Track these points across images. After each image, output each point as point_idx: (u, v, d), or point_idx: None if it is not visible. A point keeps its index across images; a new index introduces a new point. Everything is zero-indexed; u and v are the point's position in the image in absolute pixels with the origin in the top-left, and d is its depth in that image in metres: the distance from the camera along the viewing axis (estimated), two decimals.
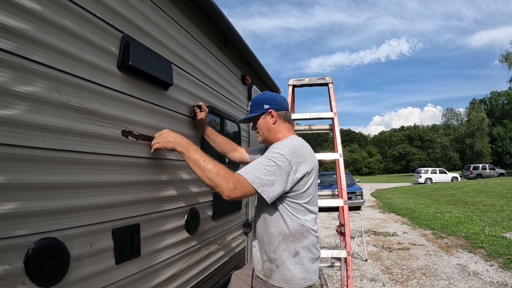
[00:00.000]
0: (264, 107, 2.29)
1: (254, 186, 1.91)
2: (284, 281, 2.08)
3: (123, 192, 1.86)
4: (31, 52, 1.33)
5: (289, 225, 2.08)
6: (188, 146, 2.06)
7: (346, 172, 19.99)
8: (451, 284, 5.95)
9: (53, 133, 1.42)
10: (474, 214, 13.48)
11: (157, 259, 2.17)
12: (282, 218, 2.09)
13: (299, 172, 2.03)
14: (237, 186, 1.90)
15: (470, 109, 74.33)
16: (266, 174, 1.94)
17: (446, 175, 39.18)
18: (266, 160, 2.00)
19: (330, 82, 4.04)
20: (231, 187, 1.89)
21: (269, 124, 2.30)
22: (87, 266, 1.59)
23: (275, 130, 2.30)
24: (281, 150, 2.02)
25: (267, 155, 2.04)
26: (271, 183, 1.94)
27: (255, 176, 1.93)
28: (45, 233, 1.38)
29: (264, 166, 1.96)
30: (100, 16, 1.71)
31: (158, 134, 2.13)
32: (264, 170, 1.95)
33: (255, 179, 1.92)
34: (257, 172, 1.94)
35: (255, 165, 1.99)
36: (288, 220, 2.08)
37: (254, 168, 1.96)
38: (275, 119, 2.29)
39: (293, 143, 2.11)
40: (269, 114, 2.29)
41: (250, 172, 1.94)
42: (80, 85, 1.58)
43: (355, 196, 16.41)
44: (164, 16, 2.30)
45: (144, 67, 1.98)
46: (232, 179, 1.91)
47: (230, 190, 1.90)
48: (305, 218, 2.13)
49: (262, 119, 2.32)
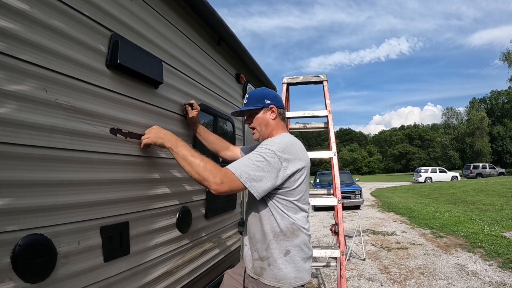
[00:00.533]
0: (266, 102, 2.28)
1: (242, 180, 1.91)
2: (276, 280, 2.07)
3: (112, 190, 1.87)
4: (18, 51, 1.34)
5: (280, 223, 2.07)
6: (176, 142, 2.07)
7: (345, 171, 19.94)
8: (450, 284, 5.93)
9: (41, 131, 1.43)
10: (474, 213, 13.46)
11: (147, 257, 2.18)
12: (272, 215, 2.08)
13: (289, 169, 2.02)
14: (224, 181, 1.90)
15: (470, 108, 74.26)
16: (254, 169, 1.93)
17: (446, 174, 39.10)
18: (255, 156, 1.99)
19: (325, 80, 4.05)
20: (218, 181, 1.89)
21: (268, 120, 2.29)
22: (75, 263, 1.60)
23: (272, 126, 2.30)
24: (271, 146, 2.02)
25: (257, 151, 2.03)
26: (260, 179, 1.93)
27: (243, 171, 1.92)
28: (32, 229, 1.39)
29: (253, 161, 1.96)
30: (89, 15, 1.72)
31: (148, 130, 2.15)
32: (252, 165, 1.94)
33: (243, 174, 1.92)
34: (245, 167, 1.94)
35: (244, 160, 1.99)
36: (278, 218, 2.07)
37: (243, 163, 1.96)
38: (276, 115, 2.29)
39: (284, 140, 2.11)
40: (270, 109, 2.29)
41: (239, 167, 1.94)
42: (68, 84, 1.59)
43: (354, 196, 16.42)
44: (154, 15, 2.31)
45: (133, 65, 1.99)
46: (220, 173, 1.91)
47: (217, 184, 1.89)
48: (296, 216, 2.11)
49: (262, 113, 2.30)
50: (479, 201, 16.72)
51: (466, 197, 18.42)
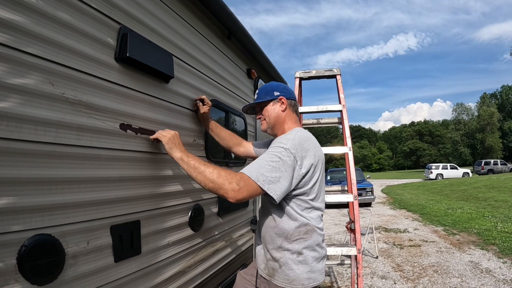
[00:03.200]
0: (275, 93, 2.22)
1: (259, 184, 1.80)
2: (288, 281, 1.99)
3: (122, 188, 1.81)
4: (24, 44, 1.29)
5: (293, 224, 1.99)
6: (187, 153, 1.99)
7: (356, 168, 19.93)
8: (463, 281, 5.84)
9: (47, 126, 1.38)
10: (486, 210, 13.28)
11: (159, 257, 2.13)
12: (286, 216, 2.01)
13: (304, 167, 1.94)
14: (241, 186, 1.77)
15: (480, 103, 73.68)
16: (271, 170, 1.83)
17: (457, 170, 38.89)
18: (270, 156, 1.90)
19: (338, 74, 3.95)
20: (235, 187, 1.77)
21: (278, 112, 2.23)
22: (84, 264, 1.55)
23: (282, 119, 2.23)
24: (285, 144, 1.93)
25: (271, 151, 1.94)
26: (277, 180, 1.83)
27: (259, 173, 1.82)
28: (39, 229, 1.34)
29: (268, 162, 1.86)
30: (96, 7, 1.67)
31: (167, 131, 2.09)
32: (268, 166, 1.84)
33: (259, 177, 1.81)
34: (261, 169, 1.83)
35: (258, 162, 1.89)
36: (292, 218, 2.00)
37: (258, 165, 1.86)
38: (285, 106, 2.22)
39: (298, 136, 2.02)
40: (279, 101, 2.22)
41: (254, 170, 1.83)
42: (75, 77, 1.53)
43: (366, 193, 16.34)
44: (163, 8, 2.25)
45: (143, 59, 1.93)
46: (235, 178, 1.79)
47: (234, 191, 1.77)
48: (310, 215, 2.03)
49: (271, 105, 2.24)
50: (491, 197, 16.53)
51: (478, 194, 18.22)
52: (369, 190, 16.51)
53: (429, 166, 41.51)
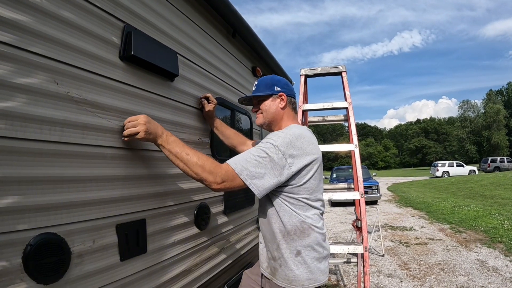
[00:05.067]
0: (275, 89, 2.17)
1: (242, 177, 1.79)
2: (288, 281, 1.96)
3: (127, 186, 1.81)
4: (28, 43, 1.29)
5: (288, 222, 1.95)
6: (167, 138, 1.86)
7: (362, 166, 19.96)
8: (470, 280, 5.81)
9: (52, 125, 1.37)
10: (493, 207, 13.18)
11: (165, 256, 2.12)
12: (280, 213, 1.97)
13: (295, 166, 1.89)
14: (225, 179, 1.79)
15: (486, 100, 73.22)
16: (256, 165, 1.81)
17: (463, 168, 38.73)
18: (257, 151, 1.86)
19: (344, 71, 3.93)
20: (218, 180, 1.78)
21: (277, 108, 2.18)
22: (90, 263, 1.54)
23: (280, 115, 2.19)
24: (275, 141, 1.88)
25: (260, 145, 1.90)
26: (261, 176, 1.81)
27: (243, 167, 1.80)
28: (45, 228, 1.33)
29: (254, 157, 1.83)
30: (100, 6, 1.66)
31: (134, 119, 1.80)
32: (254, 161, 1.82)
33: (243, 170, 1.80)
34: (246, 163, 1.81)
35: (245, 155, 1.86)
36: (286, 216, 1.96)
37: (244, 159, 1.84)
38: (285, 103, 2.18)
39: (290, 133, 1.95)
40: (279, 97, 2.18)
41: (239, 163, 1.82)
42: (80, 76, 1.53)
43: (372, 190, 16.28)
44: (168, 6, 2.24)
45: (148, 57, 1.92)
46: (220, 171, 1.79)
47: (217, 184, 1.79)
48: (306, 214, 1.98)
49: (270, 100, 2.19)
50: (497, 195, 16.41)
51: (484, 191, 18.09)
52: (375, 188, 16.44)
53: (435, 163, 41.38)
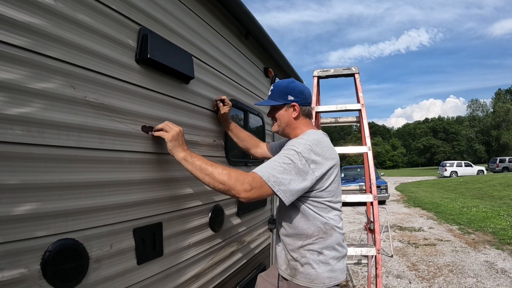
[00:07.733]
0: (289, 98, 2.15)
1: (270, 184, 1.78)
2: (309, 280, 1.99)
3: (144, 190, 1.80)
4: (44, 47, 1.28)
5: (312, 224, 1.99)
6: (190, 153, 1.91)
7: None
8: (479, 281, 5.77)
9: (69, 130, 1.37)
10: (502, 208, 13.01)
11: (180, 258, 2.12)
12: (304, 216, 2.00)
13: (318, 171, 1.90)
14: (253, 186, 1.77)
15: (495, 99, 72.49)
16: (282, 172, 1.81)
17: (471, 168, 38.30)
18: (282, 158, 1.87)
19: (357, 73, 3.90)
20: (247, 187, 1.76)
21: (290, 118, 2.17)
22: (108, 267, 1.54)
23: (294, 125, 2.19)
24: (297, 147, 1.89)
25: (283, 153, 1.91)
26: (288, 182, 1.81)
27: (270, 174, 1.80)
28: (63, 234, 1.33)
29: (280, 164, 1.84)
30: (116, 9, 1.65)
31: (172, 124, 1.91)
32: (280, 168, 1.82)
33: (270, 177, 1.79)
34: (272, 170, 1.81)
35: (270, 163, 1.87)
36: (310, 219, 1.99)
37: (269, 166, 1.84)
38: (298, 113, 2.16)
39: (310, 139, 1.96)
40: (292, 107, 2.16)
41: (266, 170, 1.81)
42: (97, 80, 1.52)
43: (380, 190, 16.17)
44: (182, 8, 2.22)
45: (164, 60, 1.91)
46: (247, 179, 1.78)
47: (246, 192, 1.77)
48: (329, 215, 2.02)
49: (283, 110, 2.18)
50: (506, 195, 16.20)
51: (493, 192, 17.87)
52: (383, 188, 16.33)
53: (444, 163, 40.98)
